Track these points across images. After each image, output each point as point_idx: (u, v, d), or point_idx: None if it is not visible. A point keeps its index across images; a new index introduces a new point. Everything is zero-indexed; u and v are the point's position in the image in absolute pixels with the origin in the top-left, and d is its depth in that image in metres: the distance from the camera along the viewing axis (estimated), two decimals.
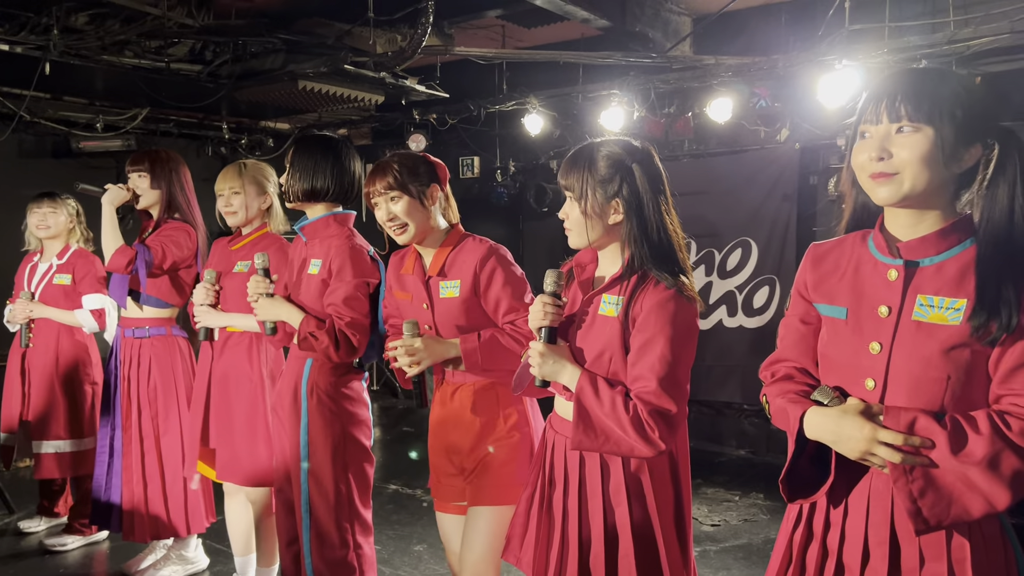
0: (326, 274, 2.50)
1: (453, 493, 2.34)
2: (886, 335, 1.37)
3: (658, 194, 1.75)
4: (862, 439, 1.32)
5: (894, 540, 1.37)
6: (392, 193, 2.21)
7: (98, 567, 3.64)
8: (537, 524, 1.85)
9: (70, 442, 3.73)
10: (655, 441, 1.61)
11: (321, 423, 2.50)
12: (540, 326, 1.75)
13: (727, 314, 5.36)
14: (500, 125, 6.17)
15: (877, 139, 1.35)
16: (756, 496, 4.54)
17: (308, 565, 2.52)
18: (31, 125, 5.27)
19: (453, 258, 2.25)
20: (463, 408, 2.28)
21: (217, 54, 4.86)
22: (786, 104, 4.93)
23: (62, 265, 3.80)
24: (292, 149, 2.58)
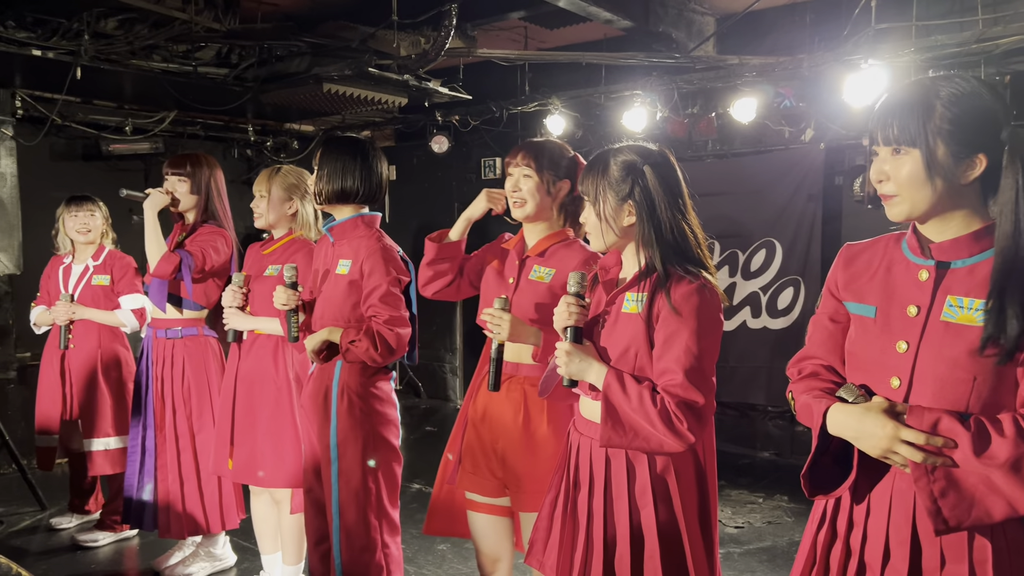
0: (356, 275, 2.53)
1: (487, 488, 2.35)
2: (914, 334, 1.38)
3: (673, 195, 1.78)
4: (884, 437, 1.33)
5: (915, 540, 1.38)
6: (526, 170, 2.30)
7: (128, 563, 3.70)
8: (561, 527, 1.86)
9: (116, 439, 3.80)
10: (684, 434, 1.63)
11: (351, 423, 2.53)
12: (565, 326, 1.77)
13: (751, 315, 5.33)
14: (522, 126, 6.18)
15: (879, 161, 1.41)
16: (780, 498, 4.51)
17: (338, 564, 2.55)
18: (62, 128, 5.37)
19: (557, 249, 2.32)
20: (508, 402, 2.28)
21: (243, 58, 4.92)
22: (811, 104, 4.89)
23: (99, 266, 3.86)
24: (320, 151, 2.61)
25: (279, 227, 3.06)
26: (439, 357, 7.10)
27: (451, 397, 7.09)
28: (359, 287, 2.53)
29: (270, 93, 5.07)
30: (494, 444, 2.31)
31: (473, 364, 6.81)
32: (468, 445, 2.39)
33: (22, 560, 3.61)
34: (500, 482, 2.32)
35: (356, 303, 2.54)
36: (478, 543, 2.43)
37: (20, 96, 5.01)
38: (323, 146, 2.63)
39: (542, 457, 2.22)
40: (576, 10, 4.28)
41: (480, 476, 2.35)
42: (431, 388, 7.20)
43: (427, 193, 7.05)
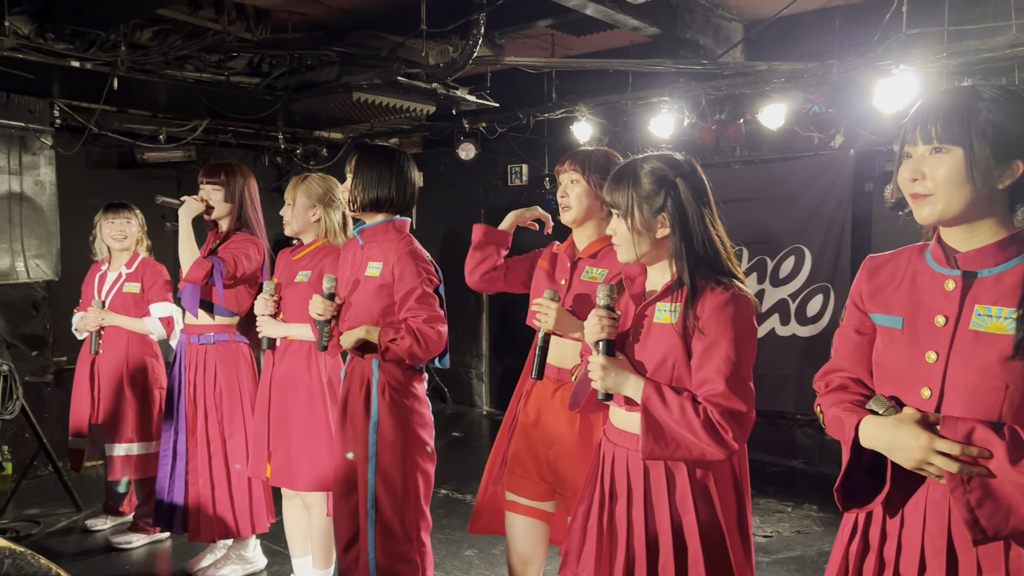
0: (388, 278, 2.57)
1: (533, 491, 2.37)
2: (943, 344, 1.37)
3: (703, 206, 1.79)
4: (918, 448, 1.33)
5: (951, 551, 1.37)
6: (573, 175, 2.38)
7: (161, 565, 3.76)
8: (597, 538, 1.85)
9: (139, 444, 3.86)
10: (729, 442, 1.65)
11: (392, 421, 2.57)
12: (598, 339, 1.77)
13: (780, 322, 5.29)
14: (549, 133, 6.20)
15: (915, 160, 1.39)
16: (809, 507, 4.47)
17: (372, 562, 2.57)
18: (98, 137, 5.48)
19: (609, 250, 2.34)
20: (563, 408, 2.30)
21: (274, 67, 4.99)
22: (840, 110, 4.85)
23: (131, 274, 3.94)
24: (355, 159, 2.65)
25: (307, 234, 3.10)
26: (465, 363, 7.13)
27: (477, 403, 7.11)
28: (390, 290, 2.57)
29: (300, 102, 5.14)
30: (547, 450, 2.33)
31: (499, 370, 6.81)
32: (516, 449, 2.42)
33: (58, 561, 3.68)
34: (548, 487, 2.36)
35: (385, 306, 2.58)
36: (513, 544, 2.46)
37: (58, 106, 5.13)
38: (357, 154, 2.67)
39: None
40: (603, 17, 4.29)
41: (528, 479, 2.38)
42: (457, 394, 7.22)
43: (454, 200, 7.09)
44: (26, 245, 4.78)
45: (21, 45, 4.06)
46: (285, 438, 3.00)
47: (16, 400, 4.16)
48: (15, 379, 4.18)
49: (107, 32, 4.27)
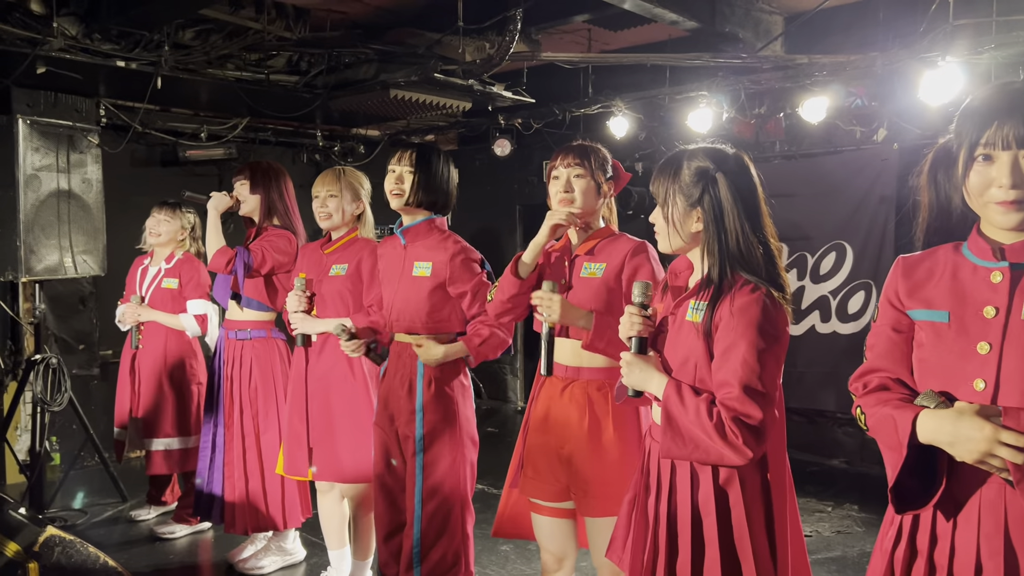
0: (441, 277, 2.61)
1: (550, 493, 2.35)
2: (995, 335, 1.35)
3: (746, 204, 1.74)
4: (982, 439, 1.29)
5: (1010, 549, 1.33)
6: (579, 170, 2.34)
7: (203, 555, 3.84)
8: (635, 528, 1.87)
9: (178, 439, 3.94)
10: (740, 448, 1.59)
11: (441, 413, 2.60)
12: (629, 336, 1.78)
13: (820, 320, 5.20)
14: (585, 128, 6.16)
15: (1007, 166, 1.32)
16: (850, 507, 4.40)
17: (416, 554, 2.60)
18: (143, 136, 5.60)
19: (604, 244, 2.35)
20: (572, 405, 2.28)
21: (313, 65, 5.04)
22: (884, 103, 4.76)
23: (170, 270, 4.02)
24: (415, 157, 2.67)
25: (343, 227, 3.12)
26: (499, 358, 7.13)
27: (511, 398, 7.12)
28: (443, 289, 2.60)
29: (338, 99, 5.19)
30: (559, 449, 2.31)
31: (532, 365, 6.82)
32: (529, 450, 2.40)
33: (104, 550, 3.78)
34: (564, 486, 2.33)
35: (435, 305, 2.61)
36: (543, 544, 2.45)
37: (104, 105, 5.24)
38: (420, 151, 2.69)
39: (608, 461, 2.22)
40: (641, 12, 4.25)
41: (542, 481, 2.36)
42: (492, 389, 7.24)
43: (489, 196, 7.10)
44: (74, 241, 4.90)
45: (69, 46, 4.15)
46: (328, 433, 3.02)
47: (64, 392, 4.28)
48: (63, 372, 4.30)
49: (151, 32, 4.35)
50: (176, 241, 4.07)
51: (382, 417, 2.74)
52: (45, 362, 4.22)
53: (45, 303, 5.07)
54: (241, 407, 3.46)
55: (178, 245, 4.08)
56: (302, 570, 3.60)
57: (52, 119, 4.88)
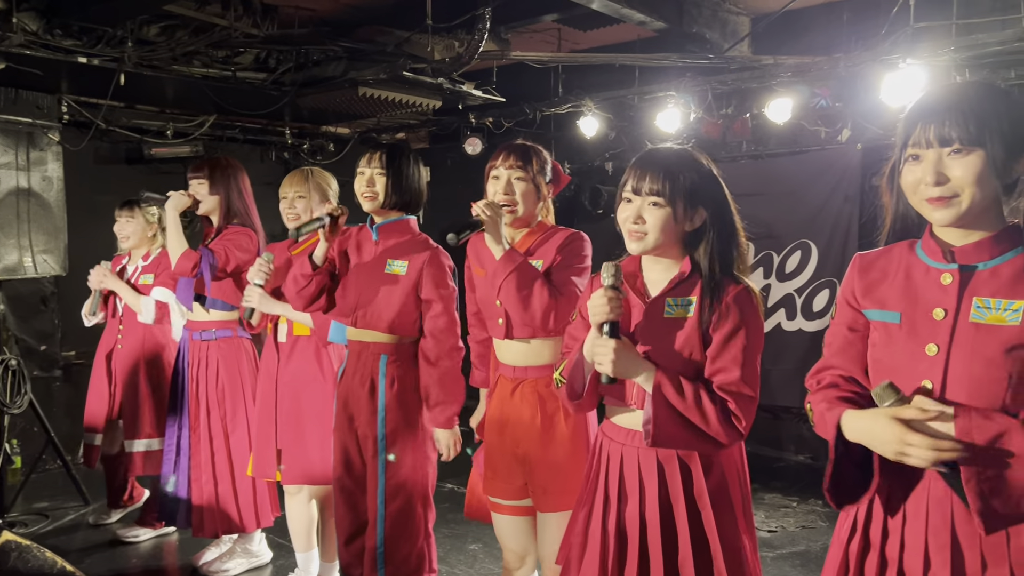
0: (415, 277, 2.59)
1: (509, 492, 2.36)
2: (943, 337, 1.38)
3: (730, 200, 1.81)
4: (893, 441, 1.34)
5: (956, 545, 1.37)
6: (520, 173, 2.31)
7: (168, 559, 3.79)
8: (600, 543, 1.81)
9: (160, 440, 3.85)
10: (741, 430, 1.68)
11: (402, 414, 2.59)
12: (604, 320, 1.69)
13: (786, 317, 5.27)
14: (555, 128, 6.18)
15: (930, 163, 1.36)
16: (815, 503, 4.46)
17: (380, 555, 2.59)
18: (106, 133, 5.50)
19: (541, 241, 2.35)
20: (523, 404, 2.30)
21: (281, 62, 4.99)
22: (848, 104, 4.83)
23: (147, 266, 3.95)
24: (385, 157, 2.64)
25: None
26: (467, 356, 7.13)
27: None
28: (415, 292, 2.61)
29: (307, 97, 5.15)
30: (514, 448, 2.32)
31: None
32: (488, 450, 2.42)
33: (65, 555, 3.72)
34: (521, 484, 2.34)
35: (406, 306, 2.61)
36: (505, 542, 2.46)
37: (66, 102, 5.15)
38: (389, 152, 2.66)
39: (562, 457, 2.25)
40: (609, 12, 4.28)
41: (500, 480, 2.37)
42: None
43: (460, 194, 7.03)
44: (34, 240, 4.80)
45: (29, 42, 4.07)
46: (298, 435, 3.00)
47: (24, 395, 4.19)
48: (23, 374, 4.21)
49: (114, 28, 4.28)
50: (147, 238, 4.00)
51: (341, 418, 2.72)
52: (5, 364, 4.14)
53: (5, 303, 4.97)
54: (208, 408, 3.41)
55: (151, 242, 4.01)
56: (268, 572, 3.57)
57: (11, 116, 4.79)
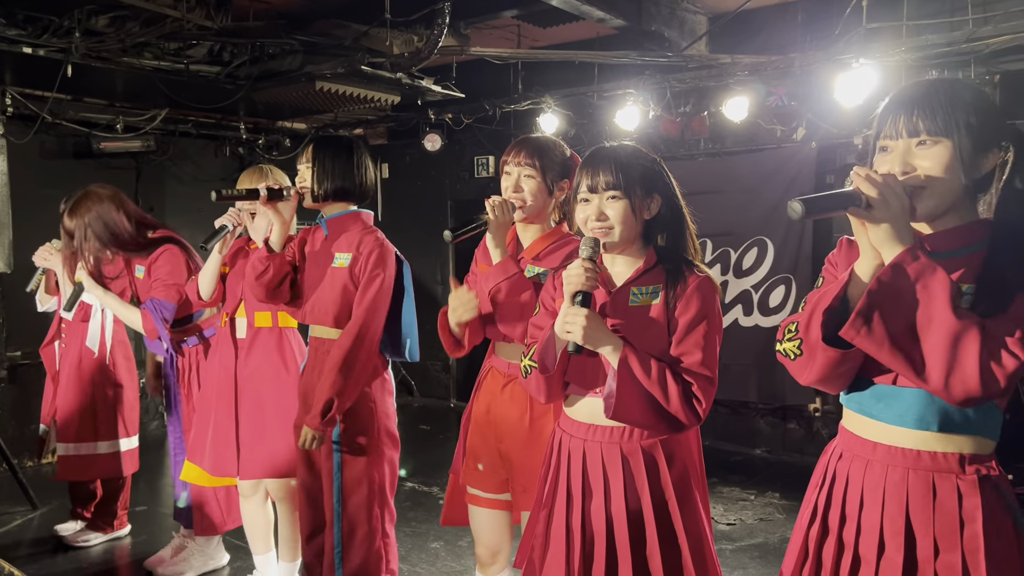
0: (358, 268, 2.54)
1: (490, 485, 2.36)
2: None
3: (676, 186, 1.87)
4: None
5: (909, 531, 1.40)
6: (528, 170, 2.24)
7: (121, 562, 3.69)
8: (565, 541, 1.81)
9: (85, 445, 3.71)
10: (700, 413, 1.70)
11: (355, 411, 2.54)
12: (579, 290, 1.70)
13: (743, 313, 5.35)
14: (515, 124, 6.18)
15: (898, 154, 1.39)
16: (772, 495, 4.54)
17: (337, 555, 2.55)
18: (53, 126, 5.34)
19: (552, 249, 2.27)
20: (512, 404, 2.28)
21: (235, 55, 4.90)
22: (802, 103, 4.91)
23: None
24: (313, 149, 2.61)
25: None
26: (433, 355, 7.10)
27: (444, 395, 7.09)
28: (358, 280, 2.55)
29: (262, 91, 5.06)
30: (498, 444, 2.32)
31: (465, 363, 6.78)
32: (472, 442, 2.40)
33: (13, 560, 3.60)
34: (503, 479, 2.34)
35: (349, 299, 2.56)
36: (479, 536, 2.44)
37: (10, 94, 4.98)
38: (316, 144, 2.62)
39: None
40: (569, 8, 4.29)
41: (483, 473, 2.36)
42: (424, 387, 7.20)
43: (420, 191, 7.05)
44: None
45: None
46: (260, 429, 2.93)
47: None
48: None
49: (61, 18, 4.15)
50: None
51: (302, 414, 2.68)
52: None
53: None
54: None
55: None
56: (225, 575, 3.50)
57: None
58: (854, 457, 1.49)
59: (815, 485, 1.58)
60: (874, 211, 1.32)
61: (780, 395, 5.17)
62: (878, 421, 1.46)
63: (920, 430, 1.41)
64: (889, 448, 1.44)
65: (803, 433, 5.26)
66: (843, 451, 1.53)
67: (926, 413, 1.40)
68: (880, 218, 1.32)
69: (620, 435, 1.79)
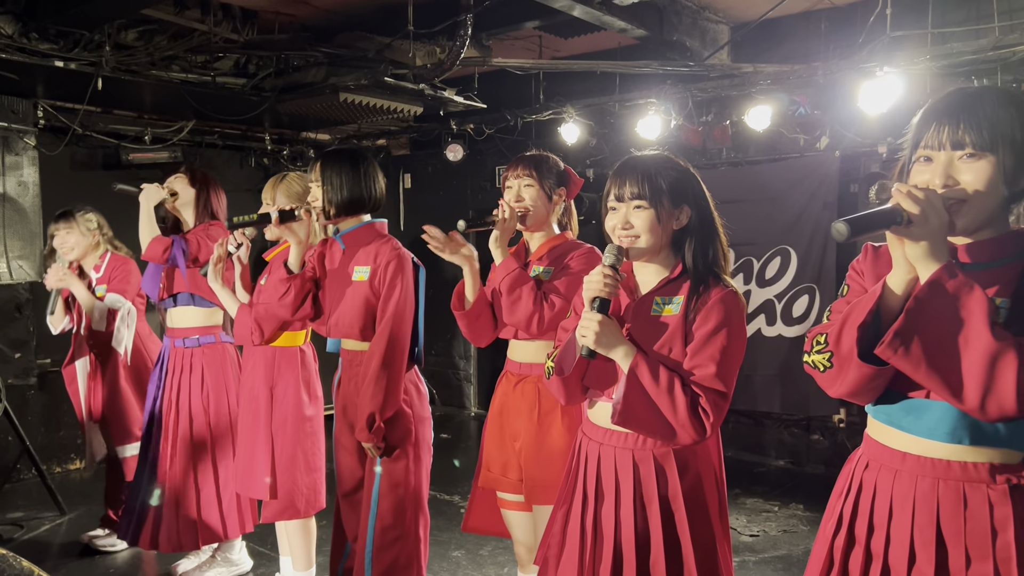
0: (377, 280, 2.58)
1: (507, 485, 2.42)
2: None
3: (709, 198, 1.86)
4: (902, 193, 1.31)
5: (940, 541, 1.38)
6: (527, 180, 2.42)
7: (146, 568, 3.74)
8: (579, 541, 1.84)
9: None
10: (707, 426, 1.68)
11: (395, 417, 2.58)
12: (597, 296, 1.72)
13: (766, 323, 5.31)
14: (536, 135, 6.20)
15: (941, 166, 1.36)
16: (796, 507, 4.49)
17: (369, 555, 2.58)
18: (83, 138, 5.44)
19: (556, 253, 2.44)
20: (523, 399, 2.37)
21: (261, 68, 4.97)
22: (826, 111, 4.89)
23: (100, 278, 3.80)
24: (320, 165, 2.62)
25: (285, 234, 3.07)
26: (453, 364, 7.12)
27: (465, 404, 7.10)
28: (376, 294, 2.58)
29: (287, 103, 5.13)
30: (512, 443, 2.39)
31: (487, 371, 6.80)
32: (488, 446, 2.47)
33: (41, 564, 3.65)
34: (519, 479, 2.40)
35: (371, 309, 2.59)
36: (515, 536, 2.52)
37: (42, 106, 5.09)
38: (322, 160, 2.63)
39: (556, 451, 2.29)
40: (591, 19, 4.30)
41: (503, 475, 2.43)
42: (445, 395, 7.22)
43: (442, 201, 7.09)
44: (9, 246, 4.73)
45: (5, 45, 4.02)
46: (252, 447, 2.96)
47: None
48: None
49: (92, 32, 4.24)
50: (91, 247, 3.84)
51: (342, 425, 2.70)
52: None
53: None
54: (191, 416, 3.34)
55: (94, 251, 3.86)
56: None
57: None
58: (881, 467, 1.47)
59: (839, 494, 1.57)
60: (914, 228, 1.30)
61: (804, 406, 5.13)
62: (908, 433, 1.44)
63: (951, 443, 1.39)
64: (919, 458, 1.42)
65: (827, 444, 5.20)
66: (869, 460, 1.51)
67: (958, 427, 1.38)
68: (920, 235, 1.29)
69: (634, 441, 1.80)
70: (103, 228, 3.92)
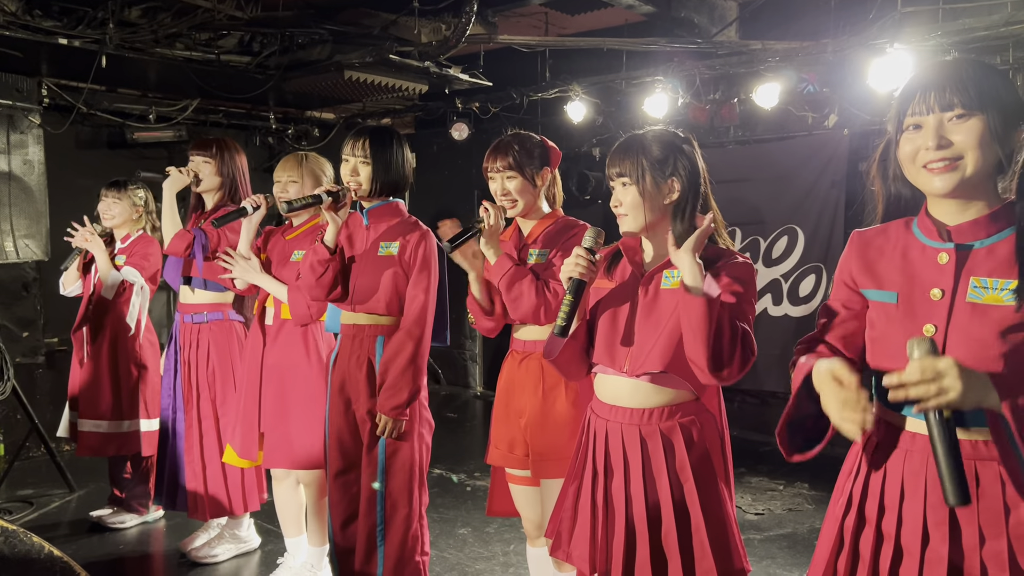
0: (407, 256, 2.61)
1: (515, 461, 2.44)
2: (940, 317, 1.37)
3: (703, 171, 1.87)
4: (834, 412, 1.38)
5: (954, 520, 1.38)
6: (509, 172, 2.38)
7: (155, 545, 3.77)
8: (590, 516, 1.87)
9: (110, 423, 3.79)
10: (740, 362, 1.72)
11: None
12: (569, 276, 1.80)
13: (772, 302, 5.30)
14: (542, 113, 6.16)
15: (931, 129, 1.36)
16: (801, 486, 4.50)
17: (380, 533, 2.61)
18: (87, 117, 5.43)
19: (548, 232, 2.43)
20: (528, 375, 2.39)
21: (265, 45, 4.94)
22: (835, 89, 4.84)
23: (123, 248, 3.88)
24: (369, 144, 2.60)
25: (304, 213, 3.08)
26: (459, 344, 7.13)
27: (471, 384, 7.12)
28: (407, 273, 2.62)
29: (292, 81, 5.10)
30: (518, 419, 2.41)
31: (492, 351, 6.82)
32: (496, 422, 2.50)
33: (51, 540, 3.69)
34: (525, 454, 2.41)
35: (400, 286, 2.62)
36: (522, 512, 2.53)
37: (47, 85, 5.07)
38: (371, 138, 2.61)
39: (561, 425, 2.31)
40: None
41: (510, 452, 2.44)
42: (451, 375, 7.24)
43: (447, 180, 7.06)
44: (15, 225, 4.74)
45: (8, 23, 4.00)
46: (282, 418, 2.98)
47: (7, 381, 4.14)
48: (6, 360, 4.16)
49: (95, 9, 4.22)
50: (131, 220, 3.90)
51: (337, 403, 2.71)
52: None
53: None
54: (199, 391, 3.40)
55: (134, 224, 3.92)
56: (257, 558, 3.56)
57: None
58: (891, 447, 1.47)
59: (847, 474, 1.57)
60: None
61: None
62: (916, 418, 1.43)
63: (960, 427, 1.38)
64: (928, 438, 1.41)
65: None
66: (879, 440, 1.50)
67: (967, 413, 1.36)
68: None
69: (640, 416, 1.82)
70: (149, 206, 3.96)
